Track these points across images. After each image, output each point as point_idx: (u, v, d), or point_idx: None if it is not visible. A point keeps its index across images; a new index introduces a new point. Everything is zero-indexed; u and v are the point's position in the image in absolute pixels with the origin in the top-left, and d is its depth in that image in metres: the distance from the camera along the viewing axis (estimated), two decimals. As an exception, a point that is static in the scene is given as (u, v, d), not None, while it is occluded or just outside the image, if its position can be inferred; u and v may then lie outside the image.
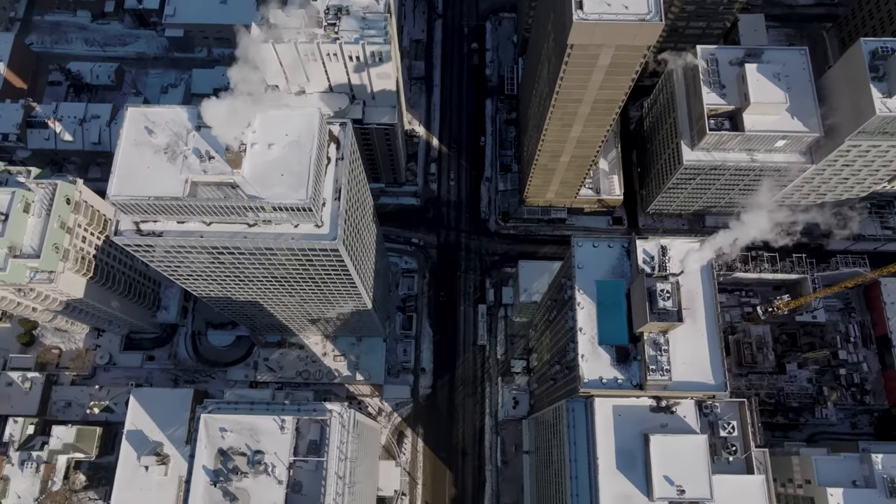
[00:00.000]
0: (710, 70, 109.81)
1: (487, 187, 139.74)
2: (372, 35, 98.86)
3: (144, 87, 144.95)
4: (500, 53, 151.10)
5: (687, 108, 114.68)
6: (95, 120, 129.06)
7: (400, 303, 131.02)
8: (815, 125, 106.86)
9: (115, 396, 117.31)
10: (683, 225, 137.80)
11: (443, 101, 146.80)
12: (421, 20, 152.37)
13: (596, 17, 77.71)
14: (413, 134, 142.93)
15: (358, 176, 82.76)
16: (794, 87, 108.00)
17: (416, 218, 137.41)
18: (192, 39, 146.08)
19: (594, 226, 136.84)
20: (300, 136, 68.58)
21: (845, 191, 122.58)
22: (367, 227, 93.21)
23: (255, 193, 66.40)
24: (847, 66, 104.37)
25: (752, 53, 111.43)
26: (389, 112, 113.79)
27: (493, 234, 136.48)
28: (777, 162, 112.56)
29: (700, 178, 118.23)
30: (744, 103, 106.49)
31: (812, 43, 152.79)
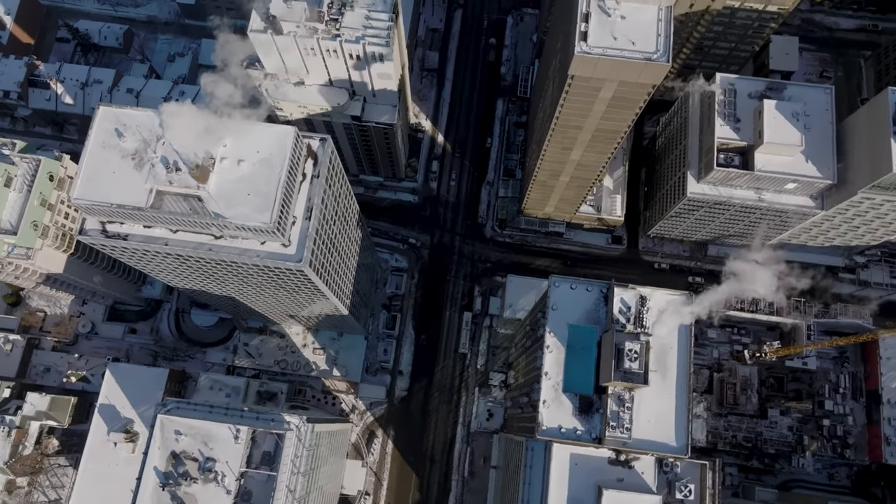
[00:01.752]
0: (726, 101, 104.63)
1: (488, 191, 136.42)
2: (374, 35, 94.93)
3: (152, 53, 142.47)
4: (518, 51, 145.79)
5: (699, 137, 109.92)
6: (97, 85, 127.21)
7: (386, 301, 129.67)
8: (829, 171, 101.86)
9: (93, 368, 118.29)
10: (684, 251, 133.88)
11: (453, 96, 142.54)
12: (440, 9, 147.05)
13: (600, 52, 73.51)
14: (419, 128, 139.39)
15: (338, 189, 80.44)
16: (813, 129, 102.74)
17: (412, 215, 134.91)
18: (204, 7, 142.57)
19: (592, 242, 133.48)
20: (272, 154, 66.21)
21: (855, 238, 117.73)
22: (348, 236, 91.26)
23: (218, 211, 64.50)
24: (871, 115, 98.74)
25: (774, 88, 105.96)
26: (390, 111, 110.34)
27: (488, 240, 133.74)
28: (785, 204, 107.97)
29: (704, 210, 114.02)
30: (757, 141, 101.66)
31: (847, 70, 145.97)
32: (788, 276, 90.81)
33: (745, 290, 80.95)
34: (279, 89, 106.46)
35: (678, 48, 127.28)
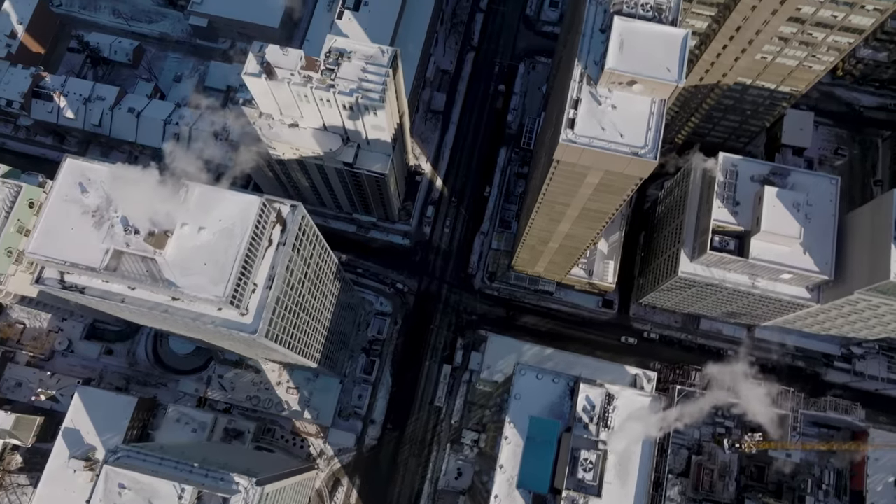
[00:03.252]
0: (726, 183, 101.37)
1: (481, 241, 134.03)
2: (368, 90, 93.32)
3: (160, 71, 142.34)
4: (527, 100, 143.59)
5: (696, 215, 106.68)
6: (100, 101, 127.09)
7: (366, 344, 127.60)
8: (826, 266, 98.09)
9: (64, 388, 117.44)
10: (676, 322, 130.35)
11: (456, 140, 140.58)
12: (452, 51, 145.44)
13: (586, 141, 71.08)
14: (418, 170, 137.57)
15: (309, 252, 78.61)
16: (814, 219, 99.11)
17: (401, 259, 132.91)
18: (216, 29, 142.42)
19: (582, 304, 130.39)
20: (234, 223, 64.56)
21: (852, 331, 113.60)
22: (321, 294, 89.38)
23: (172, 279, 62.85)
24: (874, 214, 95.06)
25: (778, 173, 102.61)
26: (383, 160, 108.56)
27: (476, 291, 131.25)
28: (780, 293, 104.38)
29: (696, 289, 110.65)
30: (754, 228, 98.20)
31: (863, 149, 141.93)
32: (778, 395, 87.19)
33: (727, 402, 77.57)
34: (273, 129, 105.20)
35: (686, 117, 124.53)
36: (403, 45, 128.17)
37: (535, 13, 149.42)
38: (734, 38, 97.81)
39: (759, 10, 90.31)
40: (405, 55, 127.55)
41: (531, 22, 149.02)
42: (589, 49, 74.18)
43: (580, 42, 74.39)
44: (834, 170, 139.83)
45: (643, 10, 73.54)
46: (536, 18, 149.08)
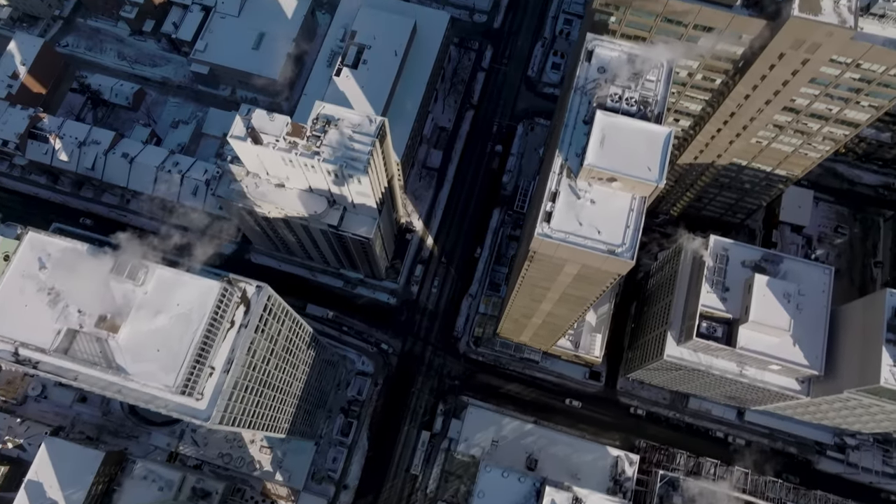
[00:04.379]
0: (716, 268, 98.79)
1: (469, 304, 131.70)
2: (354, 159, 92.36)
3: (159, 114, 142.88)
4: (524, 162, 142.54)
5: (685, 297, 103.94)
6: (94, 145, 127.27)
7: (345, 404, 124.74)
8: (816, 361, 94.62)
9: (32, 437, 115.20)
10: (664, 399, 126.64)
11: (450, 199, 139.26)
12: (452, 108, 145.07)
13: (561, 236, 69.17)
14: (409, 227, 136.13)
15: (276, 330, 76.63)
16: (805, 310, 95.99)
17: (387, 317, 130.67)
18: (217, 77, 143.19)
19: (569, 374, 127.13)
20: (192, 309, 62.82)
21: (845, 424, 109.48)
22: (292, 366, 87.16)
23: (123, 364, 60.97)
24: (865, 312, 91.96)
25: (770, 260, 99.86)
26: (369, 223, 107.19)
27: (460, 355, 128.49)
28: (769, 383, 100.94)
29: (683, 372, 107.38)
30: (743, 317, 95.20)
31: (864, 228, 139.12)
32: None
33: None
34: (259, 188, 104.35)
35: (681, 192, 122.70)
36: (401, 103, 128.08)
37: (537, 74, 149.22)
38: (728, 123, 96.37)
39: (753, 99, 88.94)
40: (402, 113, 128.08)
41: (532, 83, 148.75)
42: (571, 140, 72.77)
43: (562, 132, 73.03)
44: (833, 248, 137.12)
45: (627, 105, 72.29)
46: (538, 80, 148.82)
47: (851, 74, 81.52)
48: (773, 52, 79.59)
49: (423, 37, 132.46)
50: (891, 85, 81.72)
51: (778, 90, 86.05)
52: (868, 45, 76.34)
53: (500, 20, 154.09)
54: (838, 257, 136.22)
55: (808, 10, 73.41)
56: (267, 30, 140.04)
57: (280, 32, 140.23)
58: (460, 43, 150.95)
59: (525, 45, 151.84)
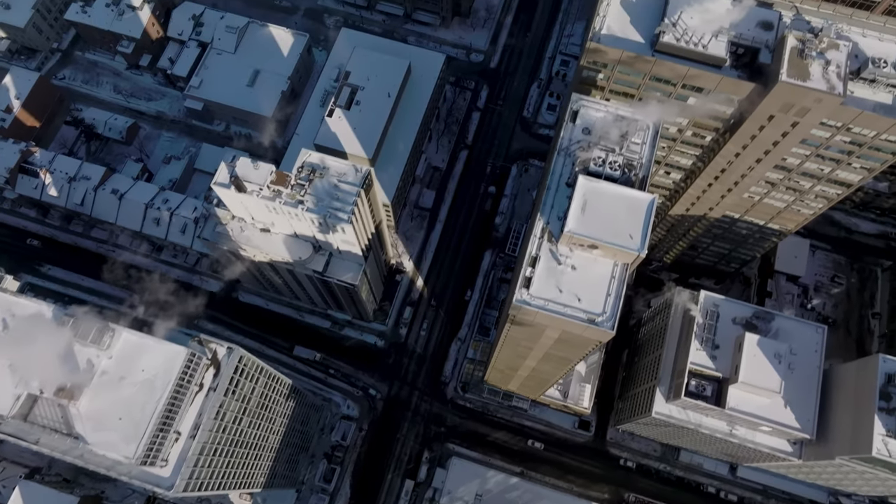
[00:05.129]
0: (706, 325, 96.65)
1: (458, 348, 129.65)
2: (338, 209, 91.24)
3: (152, 149, 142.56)
4: (517, 204, 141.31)
5: (674, 352, 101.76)
6: (84, 181, 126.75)
7: (329, 449, 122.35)
8: (808, 424, 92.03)
9: (6, 479, 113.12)
10: (655, 451, 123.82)
11: (441, 240, 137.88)
12: (445, 148, 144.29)
13: (540, 304, 67.42)
14: (400, 268, 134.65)
15: (250, 389, 74.81)
16: (797, 371, 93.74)
17: (374, 360, 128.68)
18: (211, 112, 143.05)
19: (557, 423, 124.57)
20: (157, 375, 61.18)
21: (839, 486, 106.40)
22: (268, 420, 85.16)
23: (83, 433, 59.21)
24: (858, 376, 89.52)
25: (761, 317, 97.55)
26: (355, 269, 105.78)
27: (448, 401, 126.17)
28: (759, 444, 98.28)
29: (673, 428, 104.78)
30: (733, 377, 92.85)
31: (861, 278, 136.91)
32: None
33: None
34: (244, 232, 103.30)
35: (674, 241, 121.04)
36: (393, 144, 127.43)
37: (533, 115, 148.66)
38: (719, 179, 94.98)
39: (743, 157, 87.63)
40: (394, 154, 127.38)
41: (527, 123, 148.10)
42: (553, 203, 71.37)
43: (544, 195, 71.68)
44: (830, 298, 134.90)
45: (611, 169, 70.95)
46: (533, 120, 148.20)
47: (842, 137, 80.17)
48: (763, 114, 78.38)
49: (418, 78, 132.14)
50: (882, 149, 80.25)
51: (768, 150, 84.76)
52: (858, 111, 75.06)
53: (496, 60, 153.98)
54: (835, 307, 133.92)
55: (797, 76, 72.25)
56: (262, 67, 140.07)
57: (275, 70, 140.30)
58: (456, 82, 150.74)
59: (521, 86, 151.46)
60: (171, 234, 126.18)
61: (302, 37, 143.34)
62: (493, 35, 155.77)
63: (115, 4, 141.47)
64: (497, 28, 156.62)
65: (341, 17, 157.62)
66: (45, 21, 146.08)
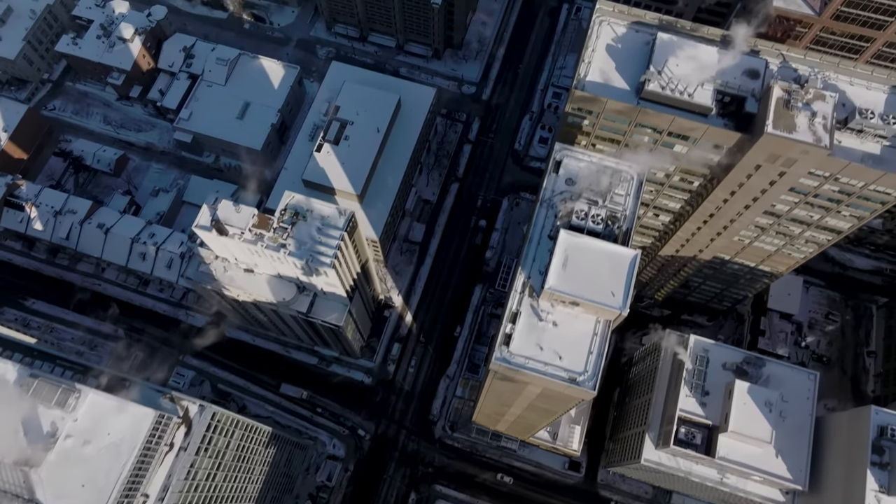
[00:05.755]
0: (696, 370, 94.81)
1: (446, 386, 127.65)
2: (321, 253, 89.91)
3: (141, 181, 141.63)
4: (508, 238, 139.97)
5: (664, 397, 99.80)
6: (70, 215, 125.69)
7: (314, 490, 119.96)
8: (800, 475, 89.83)
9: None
10: (646, 493, 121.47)
11: (431, 275, 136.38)
12: (436, 181, 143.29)
13: (521, 362, 65.86)
14: (388, 303, 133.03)
15: (224, 444, 72.94)
16: (789, 419, 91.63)
17: (361, 398, 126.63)
18: (200, 144, 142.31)
19: (547, 464, 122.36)
20: (123, 438, 59.40)
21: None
22: (243, 472, 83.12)
23: (43, 501, 57.28)
24: (850, 427, 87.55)
25: (752, 363, 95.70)
26: (340, 310, 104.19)
27: (436, 440, 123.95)
28: (751, 493, 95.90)
29: (663, 474, 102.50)
30: (723, 425, 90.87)
31: (857, 315, 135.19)
32: None
33: None
34: (228, 272, 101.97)
35: (664, 280, 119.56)
36: (382, 179, 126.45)
37: (524, 148, 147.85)
38: (708, 223, 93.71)
39: (732, 203, 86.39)
40: (383, 190, 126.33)
41: (519, 156, 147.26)
42: (535, 256, 70.05)
43: (526, 248, 70.38)
44: (825, 335, 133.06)
45: (594, 223, 69.70)
46: (525, 153, 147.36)
47: (831, 186, 79.00)
48: (750, 164, 77.24)
49: (408, 112, 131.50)
50: (871, 199, 79.00)
51: (757, 197, 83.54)
52: (845, 163, 73.93)
53: (488, 92, 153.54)
54: (829, 345, 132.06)
55: (783, 128, 71.17)
56: (252, 99, 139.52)
57: (265, 102, 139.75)
58: (448, 114, 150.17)
59: (513, 118, 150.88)
60: (156, 269, 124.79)
61: (293, 69, 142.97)
62: (485, 67, 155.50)
63: (106, 36, 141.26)
64: (489, 60, 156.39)
65: (333, 49, 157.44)
66: (35, 52, 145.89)
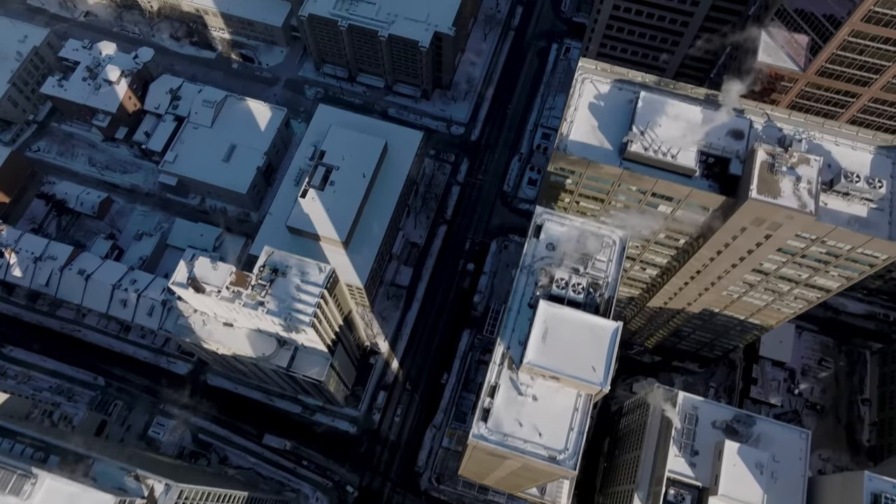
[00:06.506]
0: (685, 429, 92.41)
1: (433, 436, 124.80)
2: (299, 311, 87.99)
3: (125, 224, 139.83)
4: (496, 282, 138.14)
5: (653, 455, 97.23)
6: (50, 261, 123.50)
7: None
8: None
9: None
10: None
11: (418, 320, 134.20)
12: (424, 224, 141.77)
13: (498, 439, 63.92)
14: (374, 349, 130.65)
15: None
16: (780, 480, 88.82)
17: (345, 448, 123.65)
18: (186, 186, 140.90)
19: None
20: (81, 528, 56.66)
21: None
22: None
23: None
24: (843, 492, 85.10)
25: (742, 421, 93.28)
26: (321, 363, 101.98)
27: (422, 492, 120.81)
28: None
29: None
30: (713, 487, 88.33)
31: (850, 361, 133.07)
32: None
33: None
34: (206, 326, 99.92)
35: (654, 329, 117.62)
36: (368, 225, 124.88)
37: (513, 189, 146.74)
38: (695, 279, 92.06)
39: (718, 262, 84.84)
40: (368, 235, 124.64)
41: (508, 198, 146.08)
42: (514, 326, 68.27)
43: (506, 316, 68.56)
44: (818, 382, 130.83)
45: (574, 292, 67.96)
46: (514, 195, 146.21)
47: (818, 248, 77.47)
48: (735, 226, 75.82)
49: (395, 156, 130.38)
50: (859, 261, 77.47)
51: (743, 257, 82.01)
52: (831, 227, 72.45)
53: (477, 132, 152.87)
54: (823, 392, 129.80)
55: (767, 192, 69.87)
56: (239, 141, 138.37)
57: (252, 145, 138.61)
58: (436, 155, 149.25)
59: (502, 159, 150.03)
60: (137, 317, 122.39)
61: (280, 111, 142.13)
62: (473, 107, 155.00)
63: (92, 78, 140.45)
64: (478, 100, 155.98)
65: (322, 89, 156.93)
66: (21, 94, 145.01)
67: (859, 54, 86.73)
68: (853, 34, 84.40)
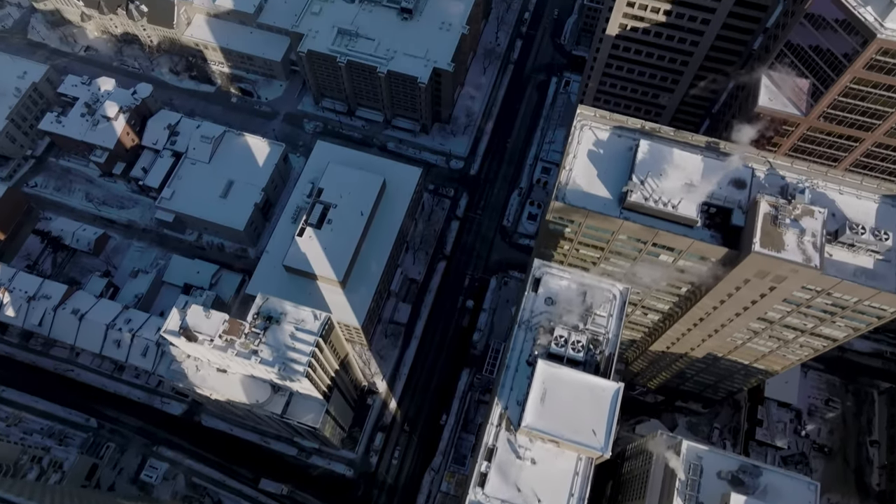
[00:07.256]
0: (689, 481, 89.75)
1: (431, 479, 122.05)
2: (293, 360, 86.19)
3: (121, 261, 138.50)
4: (496, 319, 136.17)
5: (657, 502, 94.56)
6: (44, 300, 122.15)
7: None
8: None
9: None
10: None
11: (417, 358, 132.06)
12: (423, 260, 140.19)
13: None
14: (372, 390, 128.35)
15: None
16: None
17: (341, 492, 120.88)
18: (183, 222, 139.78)
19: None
20: None
21: None
22: None
23: None
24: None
25: (748, 471, 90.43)
26: (317, 409, 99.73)
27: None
28: None
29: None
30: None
31: (858, 401, 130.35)
32: None
33: None
34: (200, 371, 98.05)
35: (656, 371, 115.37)
36: (366, 263, 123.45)
37: (513, 224, 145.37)
38: (698, 326, 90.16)
39: (721, 311, 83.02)
40: (366, 273, 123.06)
41: (507, 233, 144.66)
42: (512, 385, 66.25)
43: (503, 375, 66.60)
44: (825, 423, 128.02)
45: (573, 350, 66.06)
46: (513, 230, 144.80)
47: (824, 300, 75.61)
48: (738, 278, 74.13)
49: (393, 193, 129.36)
50: (866, 313, 75.55)
51: (747, 307, 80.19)
52: (837, 280, 70.62)
53: (476, 167, 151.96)
54: (830, 434, 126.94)
55: (770, 246, 68.24)
56: (237, 177, 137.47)
57: (250, 181, 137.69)
58: (435, 190, 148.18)
59: (501, 193, 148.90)
60: (131, 357, 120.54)
61: (278, 146, 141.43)
62: (473, 141, 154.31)
63: (91, 114, 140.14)
64: (477, 134, 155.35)
65: (321, 123, 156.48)
66: (19, 130, 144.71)
67: (861, 100, 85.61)
68: (855, 81, 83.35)
